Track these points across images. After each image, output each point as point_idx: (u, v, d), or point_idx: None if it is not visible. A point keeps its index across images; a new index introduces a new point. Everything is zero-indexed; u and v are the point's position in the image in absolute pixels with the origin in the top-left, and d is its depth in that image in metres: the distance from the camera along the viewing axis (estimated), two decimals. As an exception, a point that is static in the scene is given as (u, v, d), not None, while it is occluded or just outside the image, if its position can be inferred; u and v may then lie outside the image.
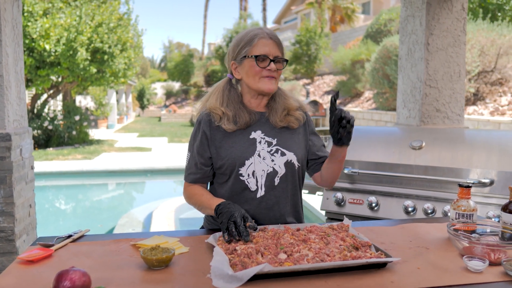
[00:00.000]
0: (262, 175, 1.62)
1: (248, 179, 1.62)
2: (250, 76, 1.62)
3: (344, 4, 24.48)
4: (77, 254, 1.39)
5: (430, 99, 3.19)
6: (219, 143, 1.64)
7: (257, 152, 1.63)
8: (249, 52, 1.61)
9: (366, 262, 1.25)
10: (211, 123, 1.65)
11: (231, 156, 1.61)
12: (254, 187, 1.63)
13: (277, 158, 1.64)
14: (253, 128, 1.66)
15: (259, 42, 1.60)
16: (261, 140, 1.65)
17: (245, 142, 1.63)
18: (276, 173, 1.63)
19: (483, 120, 6.86)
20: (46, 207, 7.56)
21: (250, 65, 1.61)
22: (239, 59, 1.64)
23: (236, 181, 1.62)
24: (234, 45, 1.67)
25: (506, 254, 1.33)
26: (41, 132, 12.28)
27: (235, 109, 1.65)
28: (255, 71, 1.60)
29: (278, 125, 1.68)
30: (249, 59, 1.61)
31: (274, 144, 1.65)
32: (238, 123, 1.63)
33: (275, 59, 1.61)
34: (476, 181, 2.35)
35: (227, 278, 1.17)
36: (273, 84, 1.63)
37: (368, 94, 13.08)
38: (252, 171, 1.62)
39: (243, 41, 1.63)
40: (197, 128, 1.69)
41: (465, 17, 3.20)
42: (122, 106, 24.12)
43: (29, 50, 10.37)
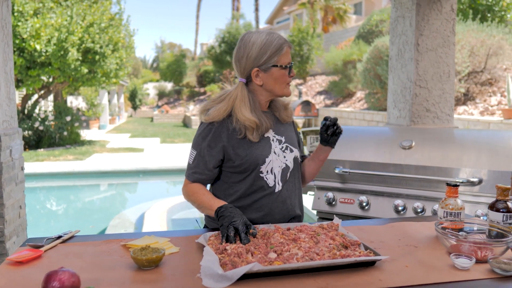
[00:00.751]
0: (279, 171, 1.70)
1: (267, 176, 1.68)
2: (278, 83, 1.67)
3: (336, 4, 24.57)
4: (67, 255, 1.39)
5: (420, 99, 3.22)
6: (237, 144, 1.65)
7: (272, 150, 1.70)
8: (279, 61, 1.64)
9: (355, 261, 1.26)
10: (226, 124, 1.65)
11: (252, 155, 1.65)
12: (272, 183, 1.69)
13: (287, 154, 1.74)
14: None
15: (286, 51, 1.66)
16: (274, 139, 1.73)
17: (262, 141, 1.69)
18: (288, 168, 1.73)
19: (473, 120, 6.93)
20: (37, 208, 7.50)
21: (280, 74, 1.65)
22: (265, 66, 1.64)
23: (256, 178, 1.67)
24: (260, 52, 1.63)
25: (493, 252, 1.35)
26: (32, 133, 12.17)
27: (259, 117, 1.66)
28: (285, 79, 1.68)
29: (285, 121, 1.80)
30: (278, 68, 1.64)
31: (284, 141, 1.75)
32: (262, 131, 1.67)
33: None
34: (465, 180, 2.38)
35: (217, 277, 1.17)
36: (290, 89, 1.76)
37: (360, 94, 13.14)
38: (271, 168, 1.69)
39: (270, 49, 1.63)
40: (209, 128, 1.66)
41: (454, 18, 3.24)
42: (114, 106, 23.99)
43: (19, 50, 10.28)
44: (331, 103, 14.51)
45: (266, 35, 1.66)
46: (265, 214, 1.70)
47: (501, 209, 1.52)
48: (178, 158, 10.54)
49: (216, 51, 21.01)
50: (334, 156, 2.78)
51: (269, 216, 1.70)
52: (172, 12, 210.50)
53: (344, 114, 11.65)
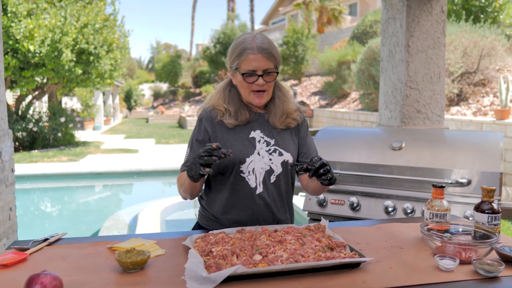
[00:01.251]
0: (261, 172, 1.69)
1: (248, 176, 1.68)
2: (241, 88, 1.71)
3: (331, 5, 24.62)
4: (53, 258, 1.39)
5: (410, 100, 3.24)
6: (220, 140, 1.69)
7: (256, 151, 1.70)
8: (239, 66, 1.65)
9: (340, 263, 1.27)
10: (212, 120, 1.72)
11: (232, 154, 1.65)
12: (254, 184, 1.69)
13: (274, 157, 1.71)
14: (253, 127, 1.73)
15: (247, 57, 1.62)
16: (260, 139, 1.72)
17: (245, 141, 1.70)
18: (272, 171, 1.71)
19: (465, 121, 6.97)
20: (31, 209, 7.47)
21: (240, 79, 1.67)
22: (233, 69, 1.70)
23: (237, 177, 1.68)
24: (230, 53, 1.71)
25: (477, 253, 1.35)
26: (25, 134, 12.11)
27: (236, 106, 1.72)
28: (244, 85, 1.67)
29: (277, 128, 1.75)
30: (239, 73, 1.66)
31: (272, 144, 1.72)
32: (238, 119, 1.70)
33: (264, 73, 1.64)
34: (454, 181, 2.39)
35: (201, 280, 1.17)
36: (262, 98, 1.69)
37: (354, 95, 13.18)
38: (252, 169, 1.68)
39: (234, 53, 1.67)
40: (198, 125, 1.75)
41: (445, 20, 3.26)
42: (109, 107, 23.92)
43: (13, 51, 10.23)
44: (325, 103, 14.54)
45: (243, 38, 1.67)
46: (250, 215, 1.70)
47: (486, 210, 1.53)
48: (172, 159, 10.52)
49: (211, 52, 21.00)
50: (325, 158, 2.78)
51: (253, 218, 1.71)
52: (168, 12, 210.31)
53: (339, 114, 11.68)
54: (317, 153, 1.87)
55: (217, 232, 1.52)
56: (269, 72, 1.65)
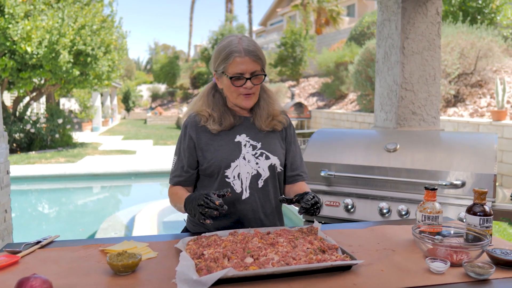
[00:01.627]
0: (247, 177, 1.67)
1: (233, 181, 1.67)
2: (228, 93, 1.68)
3: (329, 6, 24.65)
4: (45, 261, 1.38)
5: (406, 102, 3.24)
6: (205, 146, 1.69)
7: (242, 155, 1.68)
8: (226, 70, 1.63)
9: (331, 265, 1.27)
10: (196, 126, 1.71)
11: (217, 159, 1.66)
12: (239, 189, 1.67)
13: (261, 161, 1.69)
14: (238, 131, 1.71)
15: (234, 60, 1.60)
16: (246, 143, 1.70)
17: (230, 145, 1.68)
18: (260, 175, 1.69)
19: (462, 122, 6.98)
20: (29, 211, 7.46)
21: (227, 83, 1.65)
22: (218, 73, 1.67)
23: (222, 183, 1.66)
24: (215, 57, 1.68)
25: (468, 256, 1.36)
26: (23, 135, 12.10)
27: (220, 112, 1.70)
28: (232, 89, 1.65)
29: (263, 130, 1.73)
30: (226, 77, 1.64)
31: (259, 147, 1.70)
32: (222, 124, 1.69)
33: (252, 76, 1.63)
34: (448, 183, 2.40)
35: (192, 283, 1.17)
36: (251, 100, 1.68)
37: (352, 96, 13.19)
38: (238, 173, 1.67)
39: (220, 57, 1.64)
40: (183, 132, 1.74)
41: (440, 21, 3.26)
42: (107, 108, 23.90)
43: (10, 52, 10.22)
44: (323, 104, 14.56)
45: (229, 41, 1.65)
46: (235, 221, 1.70)
47: (478, 213, 1.54)
48: (170, 160, 10.51)
49: (209, 53, 20.99)
50: (320, 159, 2.79)
51: (239, 224, 1.70)
52: (166, 13, 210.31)
53: (336, 115, 11.70)
54: (302, 160, 1.85)
55: (210, 235, 1.52)
56: (256, 74, 1.63)
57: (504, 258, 1.34)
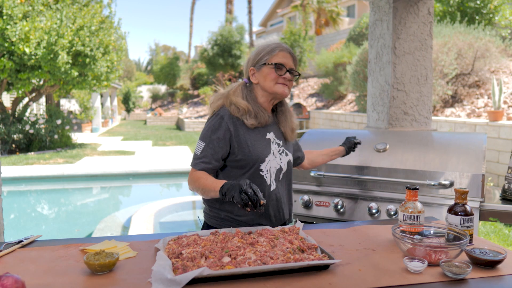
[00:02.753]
0: (274, 171, 1.83)
1: (266, 175, 1.81)
2: (267, 80, 1.81)
3: (329, 7, 24.66)
4: (23, 260, 1.39)
5: (397, 102, 3.24)
6: (243, 139, 1.78)
7: (272, 151, 1.84)
8: (269, 60, 1.80)
9: (308, 265, 1.27)
10: (233, 119, 1.79)
11: (254, 153, 1.78)
12: (269, 181, 1.82)
13: (283, 157, 1.88)
14: (268, 129, 1.87)
15: (279, 53, 1.81)
16: (273, 141, 1.87)
17: (263, 141, 1.82)
18: (281, 170, 1.86)
19: (459, 122, 6.97)
20: (27, 211, 7.47)
21: (268, 71, 1.80)
22: (258, 65, 1.83)
23: (255, 175, 1.78)
24: (256, 54, 1.86)
25: (447, 255, 1.36)
26: (22, 136, 12.11)
27: (256, 107, 1.82)
28: (273, 77, 1.79)
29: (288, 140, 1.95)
30: (268, 66, 1.80)
31: (281, 145, 1.89)
32: (258, 120, 1.80)
33: (291, 70, 1.82)
34: (436, 183, 2.39)
35: (166, 282, 1.17)
36: (287, 89, 1.84)
37: (350, 96, 13.18)
38: (269, 167, 1.82)
39: (264, 51, 1.83)
40: (219, 122, 1.79)
41: (432, 21, 3.26)
42: (107, 109, 23.93)
43: (9, 53, 10.24)
44: (322, 105, 14.55)
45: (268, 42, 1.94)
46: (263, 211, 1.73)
47: (459, 212, 1.54)
48: (168, 161, 10.52)
49: (209, 54, 21.01)
50: (310, 159, 2.78)
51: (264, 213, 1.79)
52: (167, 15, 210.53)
53: (335, 116, 11.69)
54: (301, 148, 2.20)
55: (190, 234, 1.52)
56: (294, 71, 1.84)
57: (483, 258, 1.34)
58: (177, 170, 9.33)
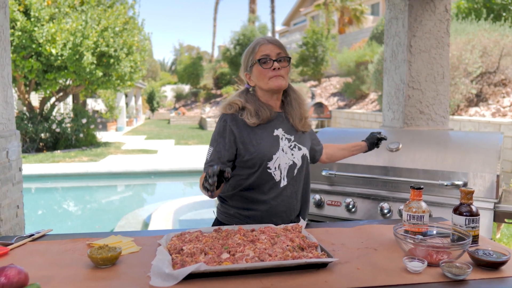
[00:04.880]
0: (285, 167, 1.80)
1: (274, 172, 1.78)
2: (260, 79, 1.80)
3: (353, 5, 24.40)
4: (32, 253, 1.44)
5: (413, 101, 3.19)
6: (247, 139, 1.78)
7: (280, 148, 1.81)
8: (254, 58, 1.80)
9: (305, 262, 1.27)
10: (237, 120, 1.79)
11: (260, 151, 1.76)
12: (278, 178, 1.79)
13: (295, 152, 1.84)
14: (275, 126, 1.84)
15: (260, 48, 1.80)
16: (282, 137, 1.83)
17: (270, 139, 1.80)
18: (295, 165, 1.83)
19: (483, 122, 6.79)
20: (52, 208, 7.70)
21: (257, 70, 1.80)
22: (249, 68, 1.84)
23: (264, 173, 1.76)
24: (244, 59, 1.87)
25: (450, 256, 1.34)
26: (49, 135, 12.48)
27: (256, 105, 1.81)
28: (263, 73, 1.78)
29: (299, 131, 1.89)
30: (256, 65, 1.80)
31: (292, 140, 1.85)
32: (260, 117, 1.79)
33: (278, 58, 1.78)
34: (449, 183, 2.35)
35: (164, 276, 1.20)
36: (281, 80, 1.79)
37: (373, 95, 13.01)
38: (278, 165, 1.79)
39: (248, 53, 1.84)
40: (223, 126, 1.81)
41: (449, 19, 3.20)
42: (132, 109, 24.36)
43: (36, 54, 10.56)
44: (344, 104, 14.42)
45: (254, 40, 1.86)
46: (270, 207, 1.78)
47: (464, 213, 1.51)
48: (190, 159, 10.64)
49: (231, 53, 21.09)
50: (322, 158, 2.78)
51: (274, 209, 1.79)
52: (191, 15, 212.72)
53: (356, 115, 11.56)
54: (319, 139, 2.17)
55: (194, 231, 1.55)
56: (282, 56, 1.78)
57: (485, 259, 1.32)
58: (198, 169, 9.42)
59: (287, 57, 1.82)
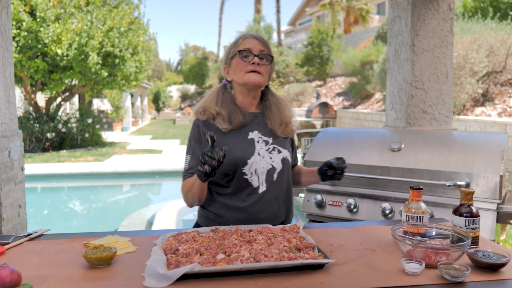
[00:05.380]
0: (263, 172, 1.72)
1: (251, 177, 1.71)
2: (237, 72, 1.74)
3: (358, 5, 24.31)
4: (29, 252, 1.44)
5: (416, 100, 3.17)
6: (220, 145, 1.68)
7: (256, 151, 1.73)
8: (235, 51, 1.75)
9: (301, 263, 1.26)
10: (209, 125, 1.75)
11: (233, 157, 1.69)
12: (257, 184, 1.72)
13: (274, 155, 1.75)
14: (250, 128, 1.76)
15: (243, 41, 1.75)
16: (259, 140, 1.75)
17: (244, 143, 1.73)
18: (274, 169, 1.74)
19: (489, 122, 6.73)
20: (57, 208, 7.74)
21: (236, 62, 1.74)
22: (228, 61, 1.79)
23: (240, 179, 1.70)
24: (226, 52, 1.83)
25: (448, 257, 1.32)
26: (55, 135, 12.55)
27: (229, 110, 1.75)
28: (241, 66, 1.72)
29: (279, 136, 1.80)
30: (235, 57, 1.74)
31: (271, 143, 1.77)
32: (232, 123, 1.73)
33: (260, 55, 1.72)
34: (451, 184, 2.32)
35: (158, 276, 1.19)
36: (259, 77, 1.72)
37: (378, 95, 12.95)
38: (255, 169, 1.71)
39: (231, 45, 1.80)
40: (197, 132, 1.77)
41: (453, 17, 3.17)
42: (137, 109, 24.45)
43: (42, 54, 10.63)
44: (349, 104, 14.37)
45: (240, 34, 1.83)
46: (249, 214, 1.71)
47: (465, 214, 1.49)
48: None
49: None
50: (323, 158, 2.75)
51: (253, 217, 1.72)
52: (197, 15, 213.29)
53: (361, 115, 11.52)
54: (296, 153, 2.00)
55: (190, 231, 1.54)
56: (264, 54, 1.73)
57: (484, 261, 1.30)
58: (202, 169, 9.42)
59: (270, 55, 1.76)
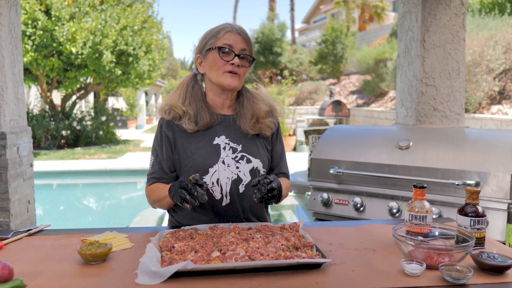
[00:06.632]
0: (227, 182, 1.57)
1: (212, 188, 1.56)
2: (213, 69, 1.57)
3: (373, 2, 24.04)
4: (27, 248, 1.44)
5: (426, 97, 3.10)
6: (182, 149, 1.58)
7: (221, 159, 1.57)
8: (214, 44, 1.55)
9: (296, 262, 1.23)
10: (172, 125, 1.61)
11: (194, 164, 1.56)
12: (219, 195, 1.57)
13: (242, 165, 1.58)
14: (217, 133, 1.60)
15: (225, 35, 1.55)
16: (226, 146, 1.59)
17: (208, 149, 1.57)
18: (240, 180, 1.58)
19: (506, 120, 6.57)
20: (75, 203, 7.85)
21: (213, 58, 1.56)
22: (204, 52, 1.59)
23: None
24: (202, 38, 1.62)
25: (451, 259, 1.27)
26: (70, 132, 12.71)
27: (197, 108, 1.59)
28: (218, 64, 1.55)
29: (249, 133, 1.62)
30: (213, 51, 1.55)
31: (239, 150, 1.60)
32: (198, 123, 1.58)
33: (241, 54, 1.56)
34: (461, 183, 2.26)
35: (151, 274, 1.18)
36: (235, 80, 1.57)
37: (392, 93, 12.78)
38: (217, 179, 1.56)
39: (209, 34, 1.59)
40: (159, 132, 1.64)
41: (465, 12, 3.09)
42: (152, 107, 24.63)
43: (57, 53, 10.76)
44: (363, 102, 14.22)
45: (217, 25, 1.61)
46: None
47: (470, 213, 1.44)
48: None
49: (250, 52, 20.99)
50: (329, 156, 2.72)
51: None
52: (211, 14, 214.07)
53: (375, 114, 11.38)
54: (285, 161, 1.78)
55: (188, 228, 1.52)
56: (246, 54, 1.57)
57: (489, 263, 1.25)
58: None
59: (251, 57, 1.60)
